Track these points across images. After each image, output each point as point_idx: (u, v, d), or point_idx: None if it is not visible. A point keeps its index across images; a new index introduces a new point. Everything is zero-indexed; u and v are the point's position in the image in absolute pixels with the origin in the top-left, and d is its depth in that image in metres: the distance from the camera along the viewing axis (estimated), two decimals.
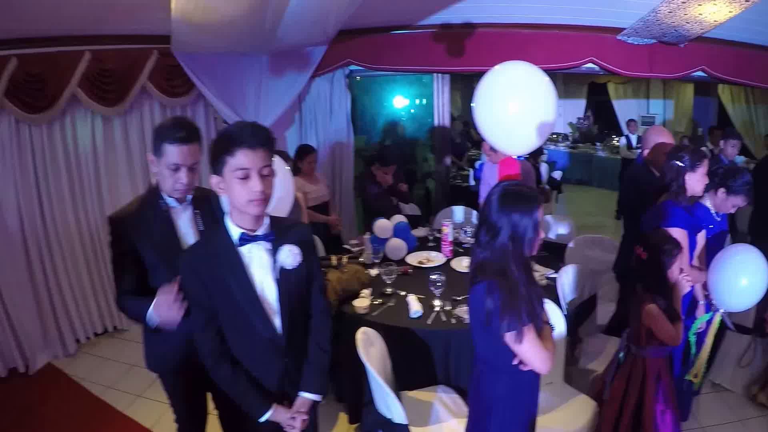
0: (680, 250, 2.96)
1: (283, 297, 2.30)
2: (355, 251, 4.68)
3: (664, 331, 2.92)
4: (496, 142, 3.57)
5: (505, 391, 2.36)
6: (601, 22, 6.18)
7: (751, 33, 6.55)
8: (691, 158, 3.31)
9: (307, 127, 6.61)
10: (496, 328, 2.14)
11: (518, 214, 2.14)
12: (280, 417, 2.34)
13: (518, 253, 2.18)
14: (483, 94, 3.45)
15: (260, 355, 2.35)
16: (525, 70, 3.45)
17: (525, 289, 2.17)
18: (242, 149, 2.04)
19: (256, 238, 2.23)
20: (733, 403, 4.50)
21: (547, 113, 3.36)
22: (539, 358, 2.21)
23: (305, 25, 5.10)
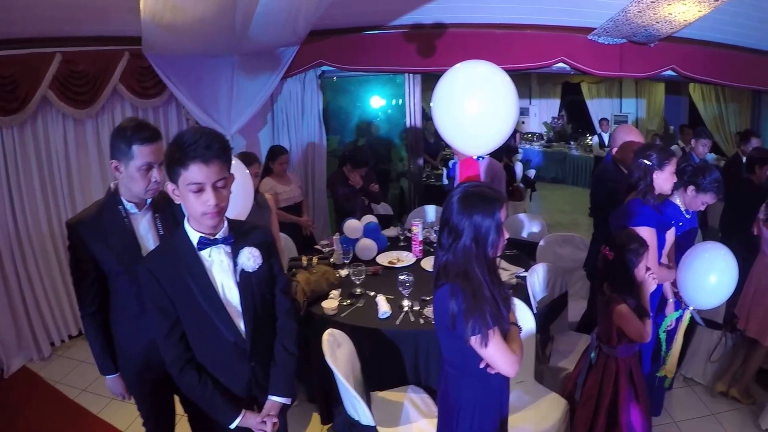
0: (647, 249, 2.92)
1: (246, 299, 2.26)
2: (326, 252, 4.62)
3: (634, 330, 2.89)
4: (454, 142, 3.49)
5: (473, 395, 2.31)
6: (571, 22, 6.20)
7: (721, 33, 6.63)
8: (659, 157, 3.27)
9: (279, 128, 6.55)
10: (460, 332, 2.09)
11: (480, 216, 2.08)
12: (250, 422, 2.30)
13: (481, 254, 2.12)
14: (441, 93, 3.36)
15: (226, 360, 2.30)
16: (484, 69, 3.37)
17: (489, 292, 2.12)
18: (195, 163, 1.98)
19: (216, 242, 2.18)
20: (706, 397, 4.51)
21: (507, 113, 3.30)
22: (506, 361, 2.16)
23: (276, 25, 5.03)
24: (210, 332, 2.23)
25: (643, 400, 3.08)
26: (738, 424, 4.19)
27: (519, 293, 3.89)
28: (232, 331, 2.24)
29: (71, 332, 5.48)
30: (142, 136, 2.43)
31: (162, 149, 2.48)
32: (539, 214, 10.22)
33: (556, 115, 15.06)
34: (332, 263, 4.42)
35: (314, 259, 4.28)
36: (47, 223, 5.14)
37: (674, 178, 3.33)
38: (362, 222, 4.72)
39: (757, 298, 4.05)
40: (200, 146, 1.97)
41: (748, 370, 4.32)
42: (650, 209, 3.26)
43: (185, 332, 2.23)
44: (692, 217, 3.80)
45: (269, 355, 2.42)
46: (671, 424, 4.17)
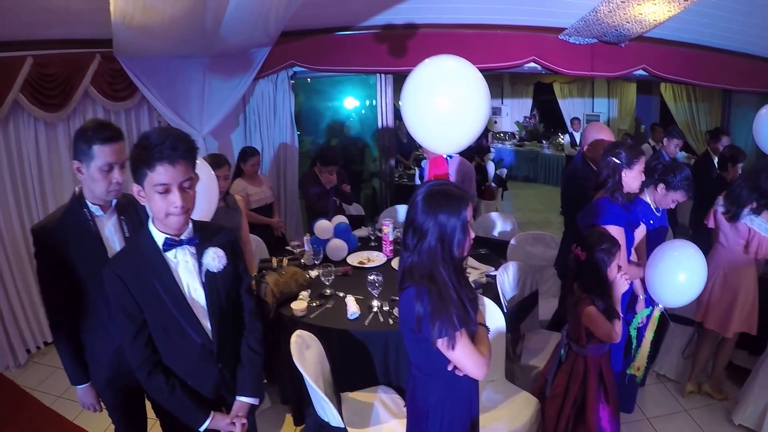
0: (619, 248, 2.88)
1: (212, 300, 2.24)
2: (297, 253, 4.54)
3: (602, 331, 2.85)
4: (423, 140, 3.42)
5: (441, 397, 2.25)
6: (542, 22, 6.22)
7: (691, 33, 6.68)
8: (627, 155, 3.25)
9: (251, 129, 6.47)
10: (427, 335, 2.02)
11: (445, 215, 2.01)
12: (219, 424, 2.27)
13: (447, 255, 2.05)
14: (409, 90, 3.28)
15: (193, 362, 2.27)
16: (455, 65, 3.27)
17: (456, 293, 2.06)
18: (162, 164, 1.95)
19: (181, 243, 2.16)
20: (678, 393, 4.51)
21: (478, 110, 3.20)
22: (473, 363, 2.09)
23: (247, 25, 4.97)
24: (177, 334, 2.20)
25: (613, 399, 3.05)
26: (711, 419, 4.19)
27: (489, 292, 3.86)
28: (199, 332, 2.22)
29: (47, 339, 5.36)
30: (103, 136, 2.38)
31: (124, 150, 2.45)
32: (511, 212, 10.37)
33: (529, 115, 15.19)
34: (303, 264, 4.36)
35: (284, 261, 4.24)
36: (20, 227, 5.02)
37: (642, 176, 3.31)
38: (333, 222, 4.67)
39: (715, 291, 4.04)
40: (166, 147, 1.94)
41: (718, 365, 4.33)
42: (618, 207, 3.23)
43: (152, 336, 2.19)
44: (662, 215, 3.80)
45: (236, 356, 2.40)
46: (644, 420, 4.17)
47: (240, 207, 4.16)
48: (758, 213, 3.83)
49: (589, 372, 2.98)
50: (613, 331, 2.81)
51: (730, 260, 3.99)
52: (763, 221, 3.82)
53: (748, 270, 3.98)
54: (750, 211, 3.85)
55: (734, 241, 3.95)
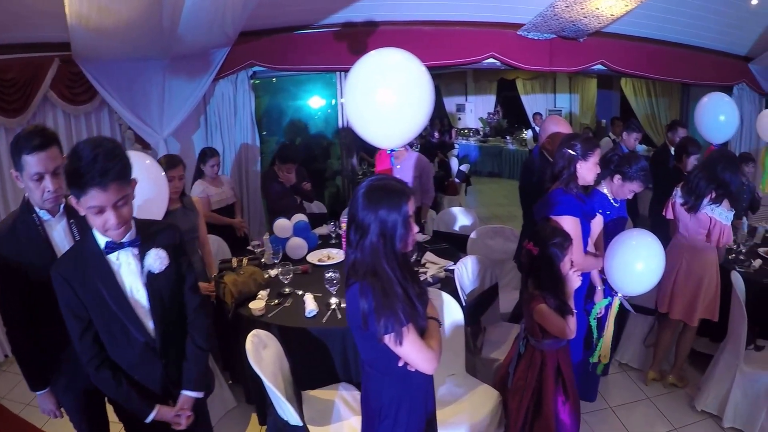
0: (570, 243, 2.84)
1: (154, 300, 2.27)
2: (258, 252, 4.46)
3: (555, 328, 2.81)
4: (365, 135, 3.37)
5: (394, 394, 2.20)
6: (501, 18, 6.24)
7: (649, 28, 6.76)
8: (583, 147, 3.22)
9: (212, 130, 6.35)
10: (373, 331, 1.97)
11: (385, 210, 1.96)
12: (165, 416, 2.34)
13: (390, 250, 2.00)
14: (350, 85, 3.26)
15: (138, 359, 2.31)
16: (398, 58, 3.27)
17: (401, 288, 2.01)
18: (93, 189, 1.94)
19: (123, 245, 2.18)
20: (641, 381, 4.53)
21: (418, 105, 3.20)
22: (423, 358, 2.04)
23: (204, 25, 4.88)
24: (121, 333, 2.24)
25: (572, 391, 3.01)
26: (673, 406, 4.22)
27: (447, 286, 3.84)
28: (141, 332, 2.26)
29: None
30: (31, 145, 2.33)
31: (56, 156, 2.42)
32: (476, 207, 10.30)
33: (492, 111, 15.28)
34: (263, 263, 4.29)
35: (244, 261, 4.17)
36: None
37: (598, 168, 3.29)
38: (292, 221, 4.60)
39: (679, 281, 4.05)
40: (96, 173, 1.92)
41: (681, 354, 4.36)
42: (573, 198, 3.21)
43: (98, 333, 2.23)
44: (620, 205, 3.80)
45: (182, 352, 2.43)
46: (607, 409, 4.18)
47: (197, 208, 4.09)
48: (718, 202, 3.84)
49: (546, 365, 2.95)
50: (567, 327, 2.78)
51: (692, 250, 4.01)
52: (724, 210, 3.84)
53: (710, 258, 4.00)
54: (710, 201, 3.86)
55: (695, 231, 3.96)
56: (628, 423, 4.02)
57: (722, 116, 5.12)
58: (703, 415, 4.05)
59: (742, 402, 3.82)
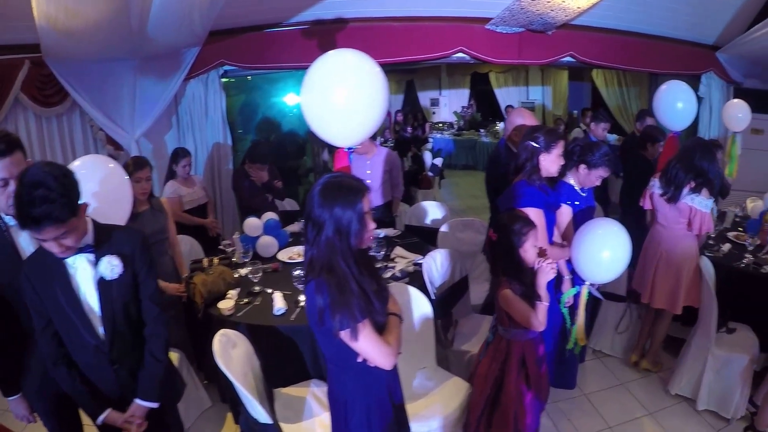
0: (530, 229, 2.81)
1: (106, 306, 2.29)
2: (229, 252, 4.39)
3: (521, 315, 2.78)
4: (321, 133, 3.33)
5: (357, 389, 2.20)
6: (469, 12, 6.23)
7: (617, 20, 6.78)
8: (546, 139, 3.22)
9: (184, 130, 6.24)
10: (330, 327, 1.98)
11: (340, 207, 1.96)
12: (115, 420, 2.38)
13: (346, 247, 2.00)
14: (306, 85, 3.23)
15: (90, 360, 2.36)
16: (350, 60, 3.23)
17: (357, 284, 2.01)
18: (30, 230, 2.02)
19: (79, 250, 2.22)
20: (615, 368, 4.56)
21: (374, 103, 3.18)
22: (379, 353, 2.04)
23: (172, 25, 4.79)
24: (74, 334, 2.30)
25: (534, 386, 2.97)
26: (648, 391, 4.24)
27: (416, 280, 3.83)
28: (92, 335, 2.30)
29: None
30: None
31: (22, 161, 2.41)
32: (451, 200, 10.41)
33: (466, 105, 15.30)
34: (234, 263, 4.24)
35: (215, 260, 4.11)
36: None
37: (561, 160, 3.28)
38: (262, 219, 4.55)
39: (660, 271, 4.07)
40: (29, 220, 1.96)
41: (656, 341, 4.40)
42: (535, 190, 3.21)
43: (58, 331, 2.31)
44: (588, 195, 3.80)
45: (135, 360, 2.43)
46: (581, 396, 4.18)
47: (166, 209, 4.03)
48: (698, 191, 3.86)
49: (510, 355, 2.92)
50: (534, 316, 2.74)
51: (672, 239, 4.03)
52: (704, 198, 3.86)
53: (690, 246, 4.02)
54: (690, 191, 3.87)
55: (674, 220, 3.98)
56: (603, 409, 4.03)
57: (680, 103, 5.10)
58: (678, 399, 4.08)
59: (715, 384, 3.86)
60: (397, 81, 15.59)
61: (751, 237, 4.64)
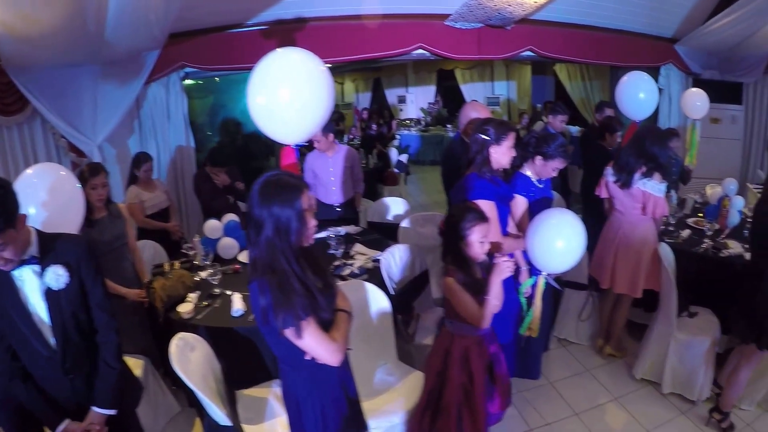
0: (476, 223, 2.74)
1: (55, 316, 2.26)
2: (191, 255, 4.31)
3: (462, 307, 2.72)
4: (269, 131, 3.33)
5: (308, 386, 2.18)
6: (428, 9, 6.22)
7: (577, 14, 6.83)
8: (496, 132, 3.18)
9: (146, 134, 6.13)
10: (275, 326, 1.94)
11: (278, 206, 1.93)
12: (74, 431, 2.34)
13: (286, 245, 1.97)
14: (253, 83, 3.23)
15: (44, 371, 2.33)
16: (296, 59, 3.28)
17: (300, 282, 1.98)
18: None
19: (24, 262, 2.20)
20: (580, 355, 4.57)
21: (318, 100, 3.20)
22: (325, 350, 2.02)
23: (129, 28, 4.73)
24: (26, 346, 2.27)
25: (478, 387, 2.85)
26: (613, 376, 4.27)
27: (375, 276, 3.80)
28: (44, 347, 2.27)
29: None
30: None
31: None
32: (418, 195, 10.46)
33: (433, 101, 15.33)
34: (196, 265, 4.17)
35: (176, 264, 4.05)
36: None
37: (513, 152, 3.24)
38: (223, 221, 4.50)
39: (620, 257, 4.09)
40: None
41: (617, 326, 4.42)
42: (486, 182, 3.18)
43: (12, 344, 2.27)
44: (545, 186, 3.79)
45: (91, 369, 2.41)
46: (547, 385, 4.19)
47: (124, 215, 3.94)
48: (650, 176, 3.89)
49: (452, 350, 2.85)
50: (478, 312, 2.68)
51: (629, 225, 4.06)
52: (656, 182, 3.89)
53: (648, 230, 4.05)
54: (641, 176, 3.90)
55: (630, 206, 4.01)
56: (569, 396, 4.04)
57: (642, 94, 5.21)
58: (643, 383, 4.12)
59: (678, 368, 3.89)
60: (364, 79, 15.58)
61: (710, 222, 4.69)
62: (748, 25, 6.57)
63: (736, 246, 4.24)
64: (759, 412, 3.77)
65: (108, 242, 3.69)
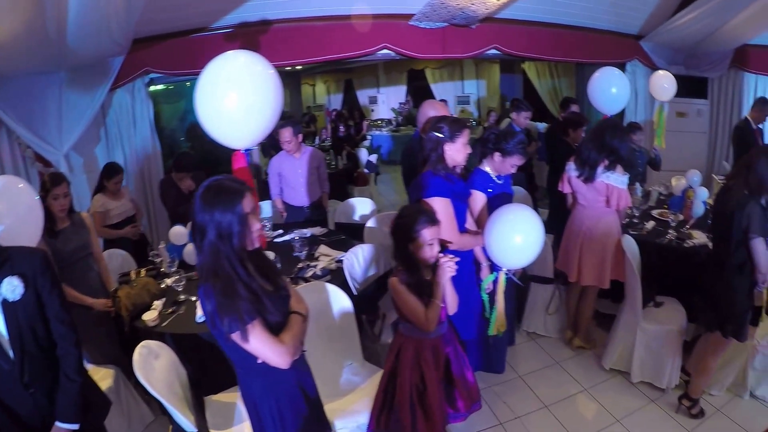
0: (426, 226, 2.65)
1: (12, 329, 2.20)
2: (158, 262, 4.28)
3: (407, 309, 2.67)
4: (218, 136, 3.29)
5: (264, 389, 2.17)
6: (392, 9, 6.23)
7: (542, 12, 6.91)
8: (450, 129, 3.18)
9: (113, 142, 6.05)
10: (222, 331, 1.93)
11: (220, 210, 1.92)
12: None
13: (230, 249, 1.96)
14: (199, 88, 3.20)
15: (5, 386, 2.23)
16: (242, 62, 3.21)
17: (244, 286, 1.97)
18: None
19: None
20: (549, 347, 4.60)
21: (265, 104, 3.16)
22: (273, 353, 2.00)
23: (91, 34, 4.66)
24: None
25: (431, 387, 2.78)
26: (583, 367, 4.30)
27: (339, 277, 3.79)
28: (3, 359, 2.19)
29: None
30: None
31: None
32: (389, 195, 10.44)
33: (404, 101, 15.29)
34: (162, 272, 4.10)
35: (142, 272, 3.99)
36: None
37: (468, 149, 3.24)
38: (188, 227, 4.38)
39: (585, 250, 4.13)
40: None
41: (584, 317, 4.45)
42: (441, 180, 3.17)
43: None
44: (505, 182, 3.79)
45: (52, 383, 2.33)
46: (516, 379, 4.20)
47: (88, 224, 3.86)
48: (612, 169, 3.93)
49: (403, 352, 2.80)
50: (423, 312, 2.63)
51: (593, 218, 4.09)
52: (618, 175, 3.93)
53: (611, 222, 4.08)
54: (604, 169, 3.94)
55: (593, 199, 4.04)
56: (539, 389, 4.06)
57: (614, 88, 5.28)
58: (612, 373, 4.15)
59: (646, 357, 3.94)
60: (336, 80, 15.56)
61: (674, 214, 4.73)
62: (711, 22, 6.67)
63: (700, 236, 4.30)
64: (729, 396, 3.83)
65: (72, 252, 3.62)
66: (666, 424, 3.61)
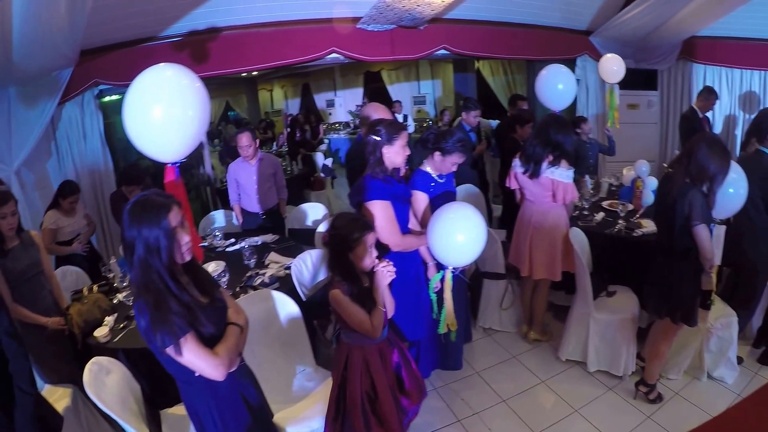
0: (364, 234, 2.64)
1: None
2: (111, 277, 4.19)
3: (352, 319, 2.64)
4: (145, 150, 3.20)
5: (205, 401, 2.17)
6: (338, 13, 6.22)
7: (490, 11, 6.98)
8: (387, 132, 3.19)
9: (63, 156, 5.94)
10: (156, 345, 1.95)
11: (146, 226, 1.93)
12: None
13: (159, 263, 1.96)
14: (127, 101, 3.09)
15: None
16: (169, 76, 3.15)
17: (176, 300, 1.98)
18: None
19: None
20: (506, 342, 4.63)
21: (192, 118, 3.08)
22: (207, 365, 2.01)
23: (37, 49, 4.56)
24: None
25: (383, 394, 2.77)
26: (539, 360, 4.35)
27: (287, 284, 3.77)
28: None
29: None
30: None
31: None
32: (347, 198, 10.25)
33: (360, 103, 15.08)
34: (116, 287, 4.03)
35: (94, 288, 3.90)
36: None
37: (406, 150, 3.24)
38: None
39: (535, 245, 4.18)
40: None
41: (538, 311, 4.50)
42: (380, 183, 3.18)
43: None
44: (447, 181, 3.80)
45: (7, 399, 2.37)
46: (474, 375, 4.22)
47: (37, 242, 3.77)
48: (557, 164, 3.98)
49: (351, 361, 2.76)
50: (368, 320, 2.62)
51: (540, 213, 4.14)
52: (563, 170, 3.97)
53: (559, 216, 4.13)
54: (549, 165, 3.98)
55: (540, 195, 4.09)
56: (496, 384, 4.09)
57: (560, 85, 5.34)
58: (569, 364, 4.21)
59: (601, 346, 4.01)
60: (293, 85, 15.41)
61: (623, 204, 4.79)
62: (658, 14, 6.79)
63: (650, 225, 4.35)
64: (687, 380, 3.92)
65: (23, 271, 3.52)
66: (625, 411, 3.68)
